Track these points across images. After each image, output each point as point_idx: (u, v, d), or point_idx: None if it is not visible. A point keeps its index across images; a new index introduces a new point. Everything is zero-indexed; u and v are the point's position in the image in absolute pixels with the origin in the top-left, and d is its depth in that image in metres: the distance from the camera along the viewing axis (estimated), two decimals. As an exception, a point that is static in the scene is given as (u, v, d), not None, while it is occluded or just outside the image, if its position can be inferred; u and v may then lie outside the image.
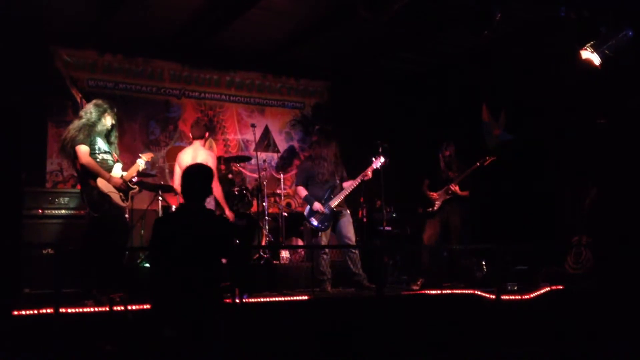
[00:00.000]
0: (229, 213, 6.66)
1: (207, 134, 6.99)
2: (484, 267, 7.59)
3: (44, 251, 6.04)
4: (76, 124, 5.78)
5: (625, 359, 5.60)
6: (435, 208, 7.37)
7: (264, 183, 8.28)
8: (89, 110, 5.85)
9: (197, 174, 4.22)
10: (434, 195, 7.40)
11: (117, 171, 5.80)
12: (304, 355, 5.10)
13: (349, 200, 7.17)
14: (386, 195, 7.35)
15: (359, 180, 6.93)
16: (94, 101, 5.98)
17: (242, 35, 8.72)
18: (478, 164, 7.38)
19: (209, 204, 6.46)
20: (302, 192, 7.01)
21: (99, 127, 5.80)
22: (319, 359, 5.15)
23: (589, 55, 6.86)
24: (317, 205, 6.83)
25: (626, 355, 5.59)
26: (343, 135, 7.85)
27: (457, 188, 7.31)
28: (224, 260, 4.47)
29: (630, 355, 5.57)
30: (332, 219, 6.91)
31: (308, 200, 6.94)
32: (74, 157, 5.70)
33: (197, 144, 6.78)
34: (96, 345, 4.30)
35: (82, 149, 5.61)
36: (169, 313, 3.93)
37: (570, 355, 5.75)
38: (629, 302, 6.18)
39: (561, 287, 6.60)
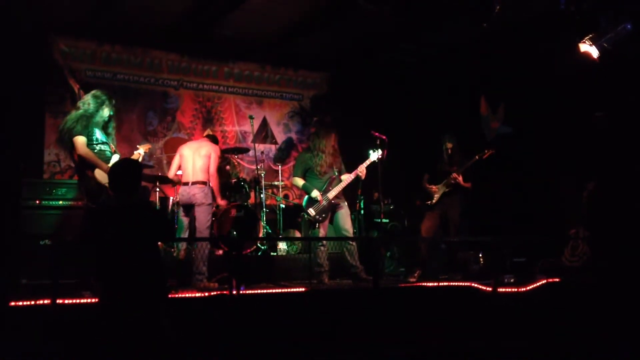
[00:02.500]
0: (220, 201, 6.69)
1: (217, 146, 6.96)
2: (481, 259, 7.60)
3: (41, 242, 6.04)
4: (74, 114, 5.76)
5: (621, 352, 5.62)
6: (434, 201, 7.36)
7: (262, 175, 8.28)
8: (87, 102, 5.83)
9: (123, 169, 4.27)
10: (434, 188, 7.40)
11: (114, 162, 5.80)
12: (301, 347, 5.12)
13: (347, 192, 7.17)
14: (384, 187, 7.36)
15: (354, 176, 6.93)
16: (92, 92, 5.96)
17: (241, 27, 8.71)
18: (477, 157, 7.36)
19: (207, 195, 6.46)
20: (300, 181, 7.01)
21: (97, 118, 5.79)
22: (316, 351, 5.17)
23: (588, 48, 6.85)
24: (315, 192, 6.83)
25: (622, 349, 5.61)
26: (341, 127, 7.84)
27: (460, 178, 7.28)
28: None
29: (626, 348, 5.59)
30: (329, 210, 6.92)
31: (306, 188, 6.93)
32: (71, 148, 5.70)
33: (204, 139, 6.82)
34: None
35: (80, 140, 5.60)
36: (113, 304, 3.96)
37: (566, 348, 5.77)
38: (626, 295, 6.20)
39: (558, 279, 6.62)
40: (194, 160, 6.53)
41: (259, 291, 5.74)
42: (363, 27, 8.66)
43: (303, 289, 5.92)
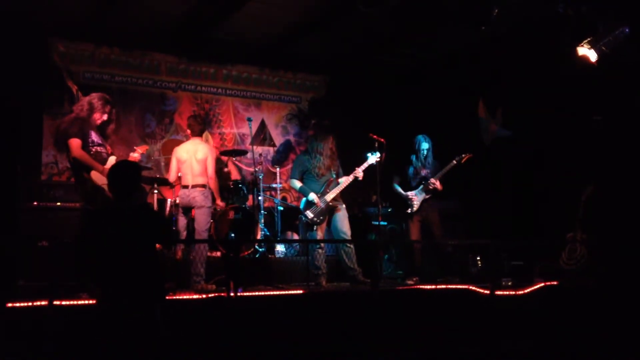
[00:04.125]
0: (219, 202, 6.71)
1: (205, 129, 6.98)
2: (479, 262, 7.60)
3: (38, 243, 6.03)
4: (69, 117, 5.80)
5: (618, 354, 5.62)
6: (414, 209, 7.32)
7: (260, 177, 8.28)
8: (81, 106, 5.87)
9: (122, 171, 4.27)
10: (412, 197, 7.33)
11: (112, 164, 5.80)
12: (298, 350, 5.11)
13: (344, 195, 7.17)
14: (382, 190, 7.36)
15: (352, 178, 6.94)
16: (89, 97, 5.98)
17: (240, 29, 8.71)
18: (455, 162, 7.31)
19: (207, 198, 6.46)
20: (297, 183, 7.01)
21: (92, 122, 5.83)
22: (313, 353, 5.16)
23: (586, 51, 6.87)
24: (312, 195, 6.83)
25: (619, 351, 5.61)
26: (339, 130, 7.84)
27: (437, 183, 7.26)
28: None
29: (624, 351, 5.59)
30: (327, 213, 6.91)
31: (303, 190, 6.93)
32: (67, 150, 5.71)
33: (197, 138, 6.79)
34: None
35: (75, 142, 5.63)
36: (110, 305, 3.96)
37: (563, 351, 5.77)
38: (623, 298, 6.20)
39: (555, 283, 6.62)
40: (192, 164, 6.53)
41: (257, 293, 5.74)
42: (362, 30, 8.66)
43: (301, 292, 5.92)
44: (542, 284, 6.50)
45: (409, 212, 7.34)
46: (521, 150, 8.81)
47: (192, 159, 6.54)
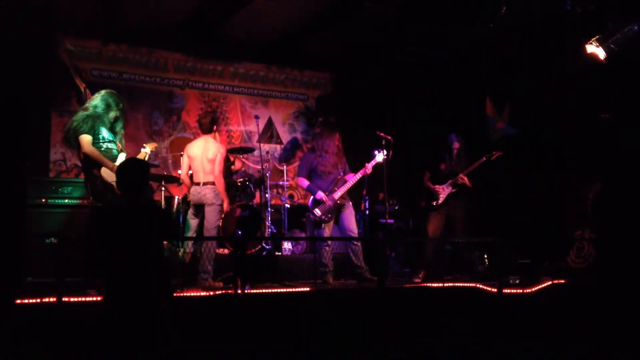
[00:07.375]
0: (226, 206, 6.65)
1: (214, 127, 6.95)
2: (486, 260, 7.58)
3: (47, 240, 6.06)
4: (80, 115, 5.80)
5: (625, 353, 5.61)
6: (440, 202, 7.33)
7: (267, 174, 8.29)
8: (96, 103, 5.86)
9: (131, 168, 4.27)
10: (438, 188, 7.37)
11: (121, 161, 5.81)
12: (305, 347, 5.12)
13: (352, 193, 7.17)
14: (389, 188, 7.35)
15: (360, 176, 6.94)
16: (102, 94, 5.97)
17: (247, 26, 8.72)
18: (484, 158, 7.34)
19: (218, 196, 6.46)
20: (304, 182, 7.01)
21: (104, 119, 5.83)
22: (320, 351, 5.17)
23: (594, 49, 6.83)
24: (320, 194, 6.83)
25: (627, 350, 5.60)
26: (346, 128, 7.83)
27: (466, 179, 7.28)
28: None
29: (631, 350, 5.58)
30: (335, 211, 6.92)
31: (311, 189, 6.94)
32: (77, 146, 5.72)
33: (208, 136, 6.79)
34: None
35: (85, 139, 5.63)
36: (117, 304, 3.97)
37: (572, 350, 5.75)
38: (632, 296, 6.18)
39: (563, 281, 6.60)
40: (203, 162, 6.53)
41: (264, 291, 5.74)
42: (368, 27, 8.65)
43: (308, 289, 5.92)
44: (550, 282, 6.47)
45: (434, 204, 7.34)
46: (528, 147, 8.79)
47: (203, 156, 6.54)
